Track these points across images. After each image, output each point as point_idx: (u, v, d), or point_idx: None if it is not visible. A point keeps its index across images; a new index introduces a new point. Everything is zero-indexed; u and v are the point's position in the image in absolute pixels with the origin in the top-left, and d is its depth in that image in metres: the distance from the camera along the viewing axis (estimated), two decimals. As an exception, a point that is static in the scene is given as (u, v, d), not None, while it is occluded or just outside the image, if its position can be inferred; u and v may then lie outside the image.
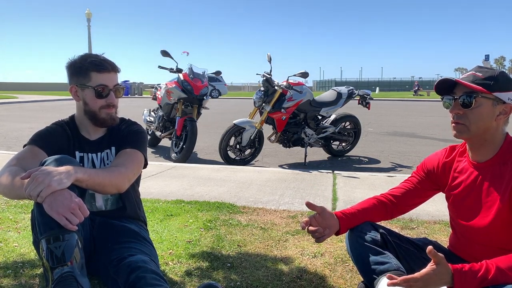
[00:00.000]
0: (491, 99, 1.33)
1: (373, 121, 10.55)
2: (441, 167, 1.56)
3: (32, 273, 1.77)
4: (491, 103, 1.34)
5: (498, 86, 1.33)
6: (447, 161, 1.55)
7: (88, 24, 37.31)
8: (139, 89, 30.15)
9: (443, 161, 1.56)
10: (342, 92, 5.34)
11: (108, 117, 1.66)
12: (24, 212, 2.65)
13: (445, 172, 1.55)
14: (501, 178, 1.35)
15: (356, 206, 1.67)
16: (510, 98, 1.34)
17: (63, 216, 1.23)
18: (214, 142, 6.31)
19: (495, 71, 1.37)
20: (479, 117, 1.34)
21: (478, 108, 1.34)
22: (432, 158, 1.62)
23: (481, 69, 1.38)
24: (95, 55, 1.66)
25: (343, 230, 1.59)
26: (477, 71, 1.37)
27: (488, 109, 1.34)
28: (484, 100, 1.33)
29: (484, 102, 1.33)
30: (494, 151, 1.39)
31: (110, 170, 1.50)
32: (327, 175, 4.02)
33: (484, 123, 1.35)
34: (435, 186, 1.60)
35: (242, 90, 58.10)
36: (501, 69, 1.45)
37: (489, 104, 1.34)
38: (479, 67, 1.40)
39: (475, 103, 1.33)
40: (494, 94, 1.33)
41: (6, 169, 1.46)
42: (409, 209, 1.68)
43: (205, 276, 1.77)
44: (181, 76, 5.33)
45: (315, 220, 1.57)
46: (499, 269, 1.17)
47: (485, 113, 1.34)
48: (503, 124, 1.38)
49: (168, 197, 3.11)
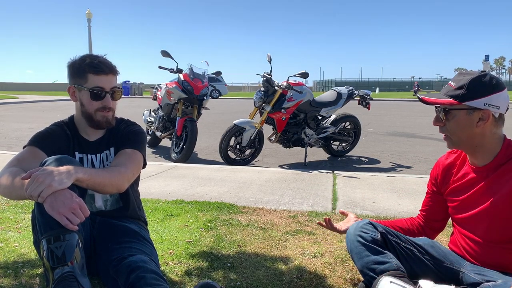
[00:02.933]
0: (464, 109, 1.34)
1: (373, 121, 10.55)
2: (443, 174, 1.57)
3: (33, 273, 1.77)
4: (465, 113, 1.35)
5: (469, 95, 1.32)
6: (447, 166, 1.56)
7: (89, 25, 37.30)
8: (139, 89, 30.16)
9: (443, 167, 1.57)
10: (342, 93, 5.34)
11: (103, 120, 1.65)
12: (24, 212, 2.65)
13: (445, 177, 1.56)
14: (501, 180, 1.35)
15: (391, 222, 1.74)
16: (487, 103, 1.32)
17: (64, 216, 1.23)
18: (214, 142, 6.32)
19: (468, 78, 1.34)
20: (457, 127, 1.37)
21: (454, 119, 1.37)
22: (434, 168, 1.64)
23: (457, 78, 1.38)
24: (95, 56, 1.65)
25: None
26: (453, 80, 1.39)
27: (464, 118, 1.35)
28: (456, 112, 1.36)
29: (456, 113, 1.36)
30: (492, 155, 1.38)
31: (110, 170, 1.50)
32: (327, 175, 4.02)
33: (464, 132, 1.37)
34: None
35: (242, 90, 58.07)
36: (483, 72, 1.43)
37: (463, 114, 1.35)
38: (459, 73, 1.40)
39: (449, 115, 1.37)
40: (465, 104, 1.33)
41: (7, 170, 1.46)
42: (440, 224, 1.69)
43: (205, 276, 1.77)
44: (181, 77, 5.34)
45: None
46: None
47: (462, 122, 1.36)
48: (493, 128, 1.36)
49: (169, 197, 3.11)
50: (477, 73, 1.38)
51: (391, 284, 1.34)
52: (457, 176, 1.51)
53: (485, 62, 39.98)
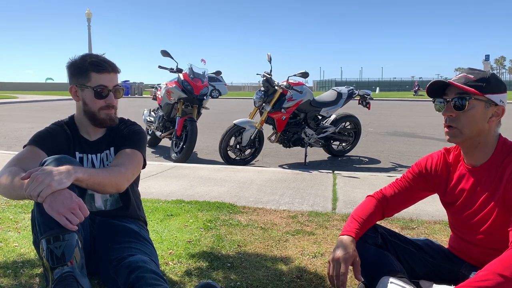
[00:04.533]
0: (484, 101, 1.32)
1: (373, 121, 10.55)
2: (439, 171, 1.53)
3: (32, 273, 1.77)
4: (483, 105, 1.33)
5: (490, 88, 1.32)
6: (443, 165, 1.52)
7: (88, 24, 37.27)
8: (139, 89, 30.15)
9: (439, 165, 1.53)
10: (342, 92, 5.34)
11: (107, 117, 1.66)
12: (24, 212, 2.65)
13: (441, 177, 1.53)
14: (497, 180, 1.34)
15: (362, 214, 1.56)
16: (501, 100, 1.34)
17: (63, 216, 1.23)
18: (214, 142, 6.31)
19: (487, 73, 1.36)
20: (472, 120, 1.33)
21: (471, 110, 1.32)
22: (428, 159, 1.58)
23: (473, 71, 1.37)
24: (95, 55, 1.66)
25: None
26: (469, 73, 1.36)
27: (481, 111, 1.33)
28: (477, 102, 1.32)
29: (477, 104, 1.32)
30: (488, 154, 1.38)
31: (110, 170, 1.50)
32: (327, 175, 4.02)
33: (477, 126, 1.34)
34: (430, 188, 1.57)
35: (242, 90, 58.10)
36: (492, 71, 1.44)
37: (482, 106, 1.33)
38: (470, 69, 1.38)
39: (468, 105, 1.32)
40: (486, 96, 1.32)
41: (6, 169, 1.46)
42: (398, 211, 1.63)
43: (205, 276, 1.77)
44: (181, 76, 5.33)
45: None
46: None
47: (478, 115, 1.33)
48: (495, 126, 1.37)
49: (168, 197, 3.11)
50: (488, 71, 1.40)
51: (391, 284, 1.34)
52: (453, 177, 1.49)
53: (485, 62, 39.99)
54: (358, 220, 1.52)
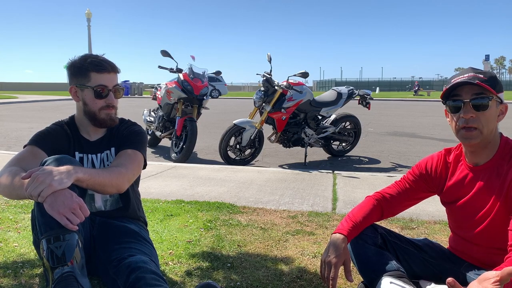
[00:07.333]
0: (497, 100, 1.32)
1: (373, 121, 10.55)
2: (439, 172, 1.53)
3: (32, 273, 1.77)
4: (496, 104, 1.33)
5: (499, 87, 1.33)
6: (443, 166, 1.52)
7: (88, 24, 37.26)
8: (139, 89, 30.14)
9: (440, 165, 1.53)
10: (342, 92, 5.34)
11: (107, 117, 1.66)
12: (24, 212, 2.65)
13: (442, 177, 1.52)
14: (499, 179, 1.34)
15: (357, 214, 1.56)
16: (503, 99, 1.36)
17: (63, 216, 1.23)
18: (214, 142, 6.31)
19: (492, 72, 1.37)
20: (490, 119, 1.32)
21: (490, 109, 1.31)
22: (429, 160, 1.57)
23: (479, 70, 1.36)
24: (95, 55, 1.66)
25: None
26: (477, 72, 1.34)
27: (495, 110, 1.33)
28: (493, 102, 1.31)
29: (493, 103, 1.31)
30: (492, 153, 1.38)
31: (110, 170, 1.50)
32: (327, 175, 4.02)
33: (492, 124, 1.33)
34: (430, 189, 1.57)
35: (242, 90, 58.09)
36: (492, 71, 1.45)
37: (495, 105, 1.33)
38: (473, 68, 1.37)
39: (490, 105, 1.30)
40: (498, 95, 1.32)
41: (6, 169, 1.46)
42: (398, 211, 1.63)
43: (205, 276, 1.77)
44: (181, 76, 5.33)
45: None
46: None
47: (494, 114, 1.33)
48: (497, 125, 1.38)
49: (168, 197, 3.11)
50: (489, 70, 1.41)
51: (391, 284, 1.34)
52: (453, 176, 1.49)
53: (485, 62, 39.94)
54: (352, 219, 1.53)
